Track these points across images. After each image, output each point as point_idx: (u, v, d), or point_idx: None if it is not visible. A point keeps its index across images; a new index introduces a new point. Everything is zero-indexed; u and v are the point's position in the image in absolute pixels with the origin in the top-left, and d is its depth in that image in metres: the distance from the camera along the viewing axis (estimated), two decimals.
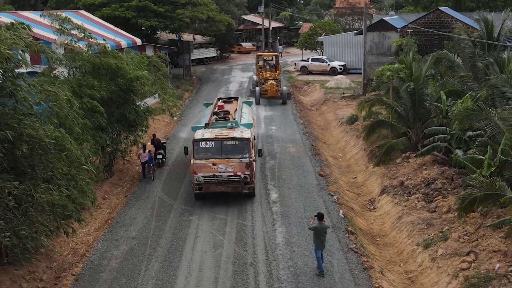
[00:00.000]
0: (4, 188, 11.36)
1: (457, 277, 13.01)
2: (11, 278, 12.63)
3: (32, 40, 12.81)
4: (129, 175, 21.50)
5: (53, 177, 12.39)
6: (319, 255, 13.27)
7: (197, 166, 17.53)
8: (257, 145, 22.38)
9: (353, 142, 26.13)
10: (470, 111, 17.52)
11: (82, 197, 12.98)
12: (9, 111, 11.55)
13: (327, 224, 13.91)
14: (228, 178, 17.59)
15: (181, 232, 15.65)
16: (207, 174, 17.50)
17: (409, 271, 14.53)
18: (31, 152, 11.97)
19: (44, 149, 11.90)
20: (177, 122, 31.06)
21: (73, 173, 12.67)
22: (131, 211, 17.41)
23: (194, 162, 17.60)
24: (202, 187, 17.70)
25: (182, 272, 13.24)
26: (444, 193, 17.49)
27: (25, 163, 12.03)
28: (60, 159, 12.26)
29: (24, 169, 12.01)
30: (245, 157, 17.69)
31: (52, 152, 12.01)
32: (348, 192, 20.23)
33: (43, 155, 11.97)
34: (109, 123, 19.06)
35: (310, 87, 43.28)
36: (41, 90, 12.42)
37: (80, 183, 12.84)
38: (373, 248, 15.64)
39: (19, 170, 12.07)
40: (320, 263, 13.29)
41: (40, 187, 11.66)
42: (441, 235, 14.98)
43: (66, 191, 12.19)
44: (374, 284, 12.90)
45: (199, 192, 17.84)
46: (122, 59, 20.08)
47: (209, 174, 17.50)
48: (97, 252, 14.56)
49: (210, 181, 17.60)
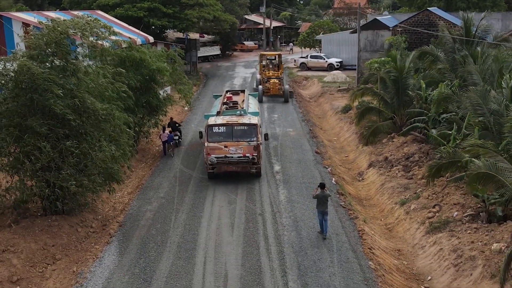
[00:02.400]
0: (69, 148, 14.68)
1: (424, 223, 16.34)
2: (68, 224, 15.91)
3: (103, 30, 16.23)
4: (151, 153, 24.81)
5: (101, 140, 15.67)
6: (320, 218, 15.56)
7: (211, 148, 20.05)
8: (263, 131, 25.65)
9: (346, 128, 29.45)
10: (444, 95, 20.97)
11: (123, 157, 16.28)
12: (73, 86, 14.85)
13: (329, 193, 16.25)
14: (238, 159, 20.03)
15: (201, 193, 18.98)
16: (219, 155, 19.98)
17: (387, 223, 17.86)
18: (87, 120, 15.24)
19: (98, 118, 15.21)
20: (188, 111, 34.36)
21: (117, 137, 15.98)
22: (157, 179, 20.73)
23: (208, 145, 20.16)
24: (215, 167, 20.16)
25: (204, 220, 16.59)
26: (420, 164, 20.78)
27: (81, 129, 15.31)
28: (109, 125, 15.60)
29: (81, 134, 15.30)
30: (253, 140, 20.22)
31: (103, 120, 15.33)
32: (340, 166, 23.54)
33: (97, 123, 15.28)
34: (135, 107, 22.31)
35: (308, 82, 46.58)
36: (92, 72, 15.78)
37: (123, 145, 16.16)
38: (359, 208, 18.93)
39: (78, 135, 15.35)
40: (321, 224, 15.40)
41: (95, 146, 14.96)
42: (414, 195, 18.28)
43: (113, 149, 15.45)
44: (358, 228, 16.19)
45: (212, 171, 20.31)
46: (144, 53, 23.35)
47: (221, 155, 19.98)
48: (133, 208, 17.88)
49: (222, 161, 20.07)
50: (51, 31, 14.61)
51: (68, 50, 15.08)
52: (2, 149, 14.85)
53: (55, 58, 15.21)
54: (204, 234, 15.51)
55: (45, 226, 15.22)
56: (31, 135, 14.48)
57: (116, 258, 14.40)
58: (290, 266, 13.60)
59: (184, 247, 14.74)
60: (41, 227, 15.13)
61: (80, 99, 14.76)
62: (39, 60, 14.72)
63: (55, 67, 15.20)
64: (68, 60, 15.16)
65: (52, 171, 14.67)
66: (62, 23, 15.08)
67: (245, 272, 13.33)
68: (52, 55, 14.97)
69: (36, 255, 14.16)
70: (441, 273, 14.01)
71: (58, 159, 14.70)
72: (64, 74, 15.04)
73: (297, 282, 12.82)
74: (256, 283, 12.77)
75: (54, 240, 14.95)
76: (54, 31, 14.58)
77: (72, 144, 14.65)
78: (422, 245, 15.62)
